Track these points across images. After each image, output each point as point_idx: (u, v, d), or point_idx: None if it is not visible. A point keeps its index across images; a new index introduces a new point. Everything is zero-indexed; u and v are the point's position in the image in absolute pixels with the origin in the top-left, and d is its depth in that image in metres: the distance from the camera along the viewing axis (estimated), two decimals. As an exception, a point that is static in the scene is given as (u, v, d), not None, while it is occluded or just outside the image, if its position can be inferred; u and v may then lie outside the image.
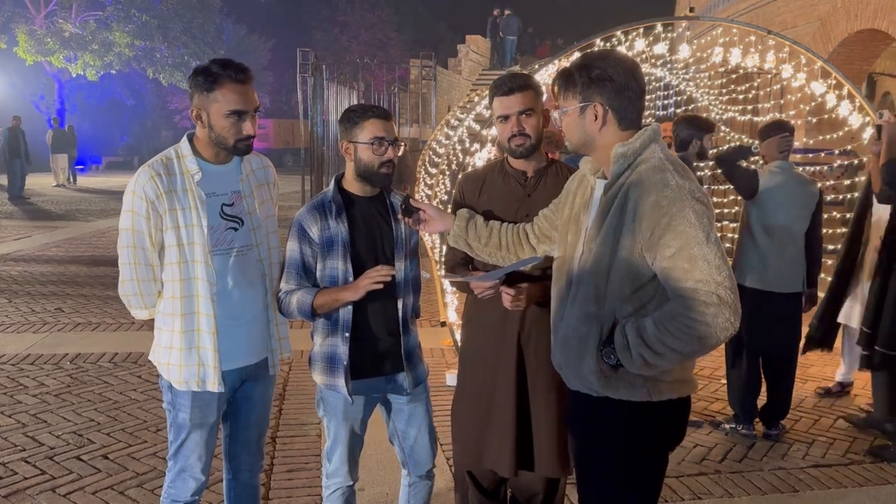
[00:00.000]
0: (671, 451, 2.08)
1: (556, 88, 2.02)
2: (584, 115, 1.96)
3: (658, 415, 1.96)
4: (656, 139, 1.95)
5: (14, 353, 5.59)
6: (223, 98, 2.31)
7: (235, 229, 2.47)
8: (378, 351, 2.56)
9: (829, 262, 7.85)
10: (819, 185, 4.78)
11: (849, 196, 7.81)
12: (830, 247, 9.21)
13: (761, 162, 4.57)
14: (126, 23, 25.88)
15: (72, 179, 22.09)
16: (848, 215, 10.78)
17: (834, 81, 5.99)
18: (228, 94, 2.31)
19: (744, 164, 4.50)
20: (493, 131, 2.61)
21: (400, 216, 2.51)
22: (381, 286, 2.40)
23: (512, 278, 2.45)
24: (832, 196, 7.78)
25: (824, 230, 7.79)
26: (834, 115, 6.10)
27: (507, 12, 23.88)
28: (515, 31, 24.05)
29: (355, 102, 14.05)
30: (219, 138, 2.37)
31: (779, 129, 4.31)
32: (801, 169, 5.08)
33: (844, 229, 9.17)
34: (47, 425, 4.28)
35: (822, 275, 4.68)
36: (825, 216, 8.20)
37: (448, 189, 9.36)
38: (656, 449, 1.99)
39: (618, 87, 1.92)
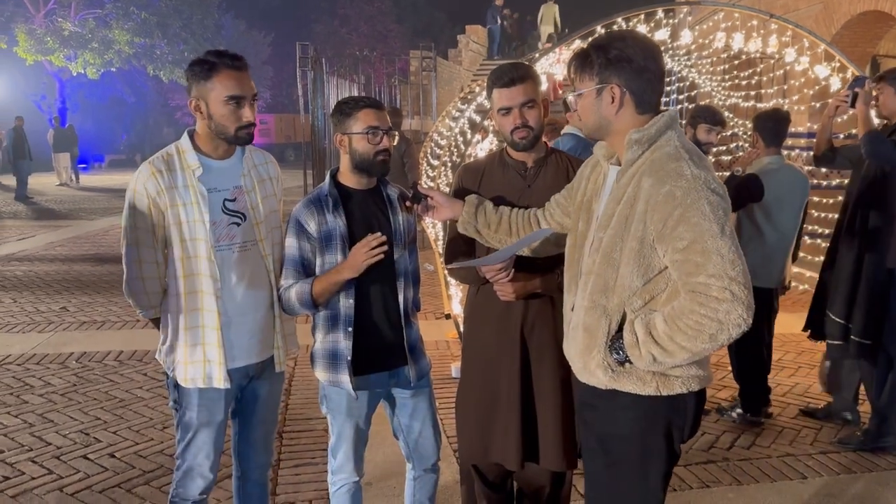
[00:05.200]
0: (682, 444, 2.03)
1: (572, 69, 1.94)
2: (600, 98, 1.89)
3: (668, 409, 1.91)
4: (673, 126, 1.87)
5: (20, 353, 5.60)
6: (220, 85, 2.30)
7: (238, 224, 2.45)
8: (381, 345, 2.54)
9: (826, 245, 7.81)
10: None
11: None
12: (827, 231, 9.18)
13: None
14: (125, 20, 25.86)
15: (74, 178, 22.12)
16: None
17: (838, 64, 5.94)
18: (225, 80, 2.29)
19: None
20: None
21: (408, 203, 2.49)
22: (381, 256, 2.36)
23: (517, 267, 2.42)
24: (838, 181, 7.72)
25: (827, 214, 7.77)
26: (839, 99, 6.04)
27: (496, 2, 23.64)
28: (497, 20, 23.82)
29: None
30: (219, 127, 2.35)
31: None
32: (805, 154, 5.04)
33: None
34: (54, 424, 4.29)
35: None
36: (831, 200, 8.17)
37: (450, 181, 9.32)
38: (666, 443, 1.95)
39: (636, 69, 1.84)
